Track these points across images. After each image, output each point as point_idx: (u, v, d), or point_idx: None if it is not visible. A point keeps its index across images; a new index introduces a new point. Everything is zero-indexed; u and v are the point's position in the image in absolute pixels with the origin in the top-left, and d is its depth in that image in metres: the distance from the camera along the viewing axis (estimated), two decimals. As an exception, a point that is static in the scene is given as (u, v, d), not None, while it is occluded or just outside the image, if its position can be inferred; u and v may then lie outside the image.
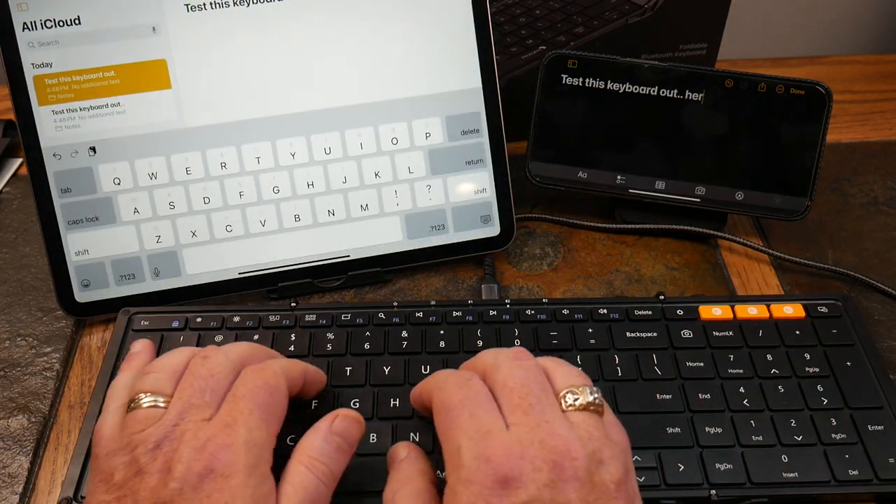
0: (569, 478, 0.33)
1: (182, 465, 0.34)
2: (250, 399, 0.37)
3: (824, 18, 0.94)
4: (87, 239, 0.52)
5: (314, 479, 0.36)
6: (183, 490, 0.33)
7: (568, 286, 0.57)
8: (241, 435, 0.35)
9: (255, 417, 0.36)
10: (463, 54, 0.55)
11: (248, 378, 0.38)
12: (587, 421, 0.36)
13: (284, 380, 0.39)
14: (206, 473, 0.34)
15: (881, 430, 0.45)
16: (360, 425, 0.40)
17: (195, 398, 0.37)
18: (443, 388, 0.37)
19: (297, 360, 0.43)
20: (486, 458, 0.33)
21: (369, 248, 0.56)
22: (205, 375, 0.38)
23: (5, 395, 0.49)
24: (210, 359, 0.39)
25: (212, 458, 0.34)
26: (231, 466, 0.34)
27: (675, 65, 0.57)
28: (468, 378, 0.37)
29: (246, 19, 0.52)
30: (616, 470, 0.34)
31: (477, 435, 0.34)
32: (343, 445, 0.38)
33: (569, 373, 0.38)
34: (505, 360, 0.38)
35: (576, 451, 0.33)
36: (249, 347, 0.42)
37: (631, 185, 0.59)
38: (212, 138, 0.53)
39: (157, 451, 0.35)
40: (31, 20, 0.50)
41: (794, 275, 0.58)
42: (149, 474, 0.34)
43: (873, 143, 0.70)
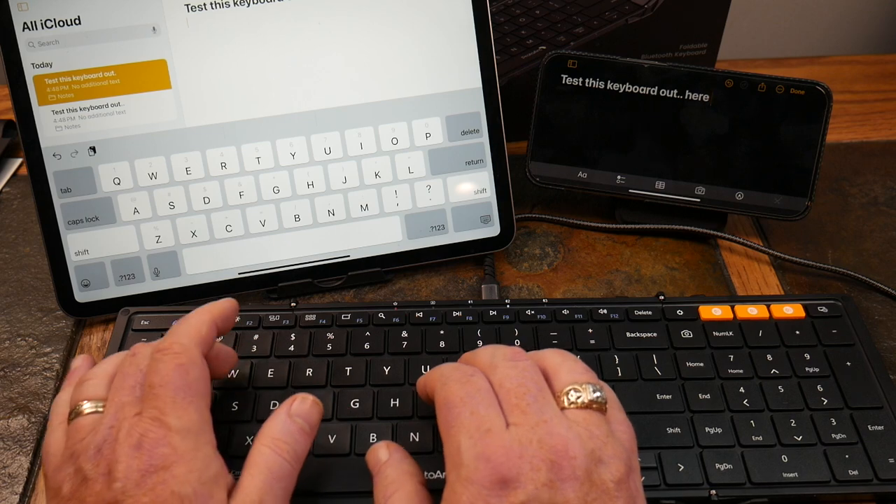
0: (567, 477, 0.33)
1: (122, 465, 0.34)
2: (168, 387, 0.36)
3: (824, 18, 0.94)
4: (87, 239, 0.52)
5: (278, 458, 0.36)
6: (126, 488, 0.33)
7: (568, 286, 0.57)
8: (172, 425, 0.35)
9: (179, 403, 0.36)
10: (463, 54, 0.55)
11: (158, 366, 0.37)
12: (588, 419, 0.35)
13: (196, 349, 0.38)
14: (146, 469, 0.34)
15: (881, 430, 0.45)
16: (319, 407, 0.40)
17: (125, 396, 0.37)
18: (446, 384, 0.37)
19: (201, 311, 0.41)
20: (486, 457, 0.33)
21: (369, 248, 0.56)
22: (133, 373, 0.38)
23: (5, 395, 0.49)
24: (138, 356, 0.38)
25: (150, 454, 0.34)
26: (170, 457, 0.34)
27: (675, 65, 0.57)
28: (471, 374, 0.37)
29: (246, 19, 0.52)
30: (616, 469, 0.34)
31: (477, 433, 0.34)
32: (304, 427, 0.38)
33: (573, 369, 0.38)
34: (501, 360, 0.38)
35: (574, 449, 0.33)
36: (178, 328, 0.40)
37: (631, 185, 0.59)
38: (212, 138, 0.53)
39: (99, 456, 0.35)
40: (31, 20, 0.50)
41: (794, 275, 0.58)
42: (93, 480, 0.34)
43: (873, 143, 0.70)
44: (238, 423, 0.44)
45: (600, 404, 0.36)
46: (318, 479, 0.42)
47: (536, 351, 0.40)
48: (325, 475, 0.43)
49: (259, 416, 0.45)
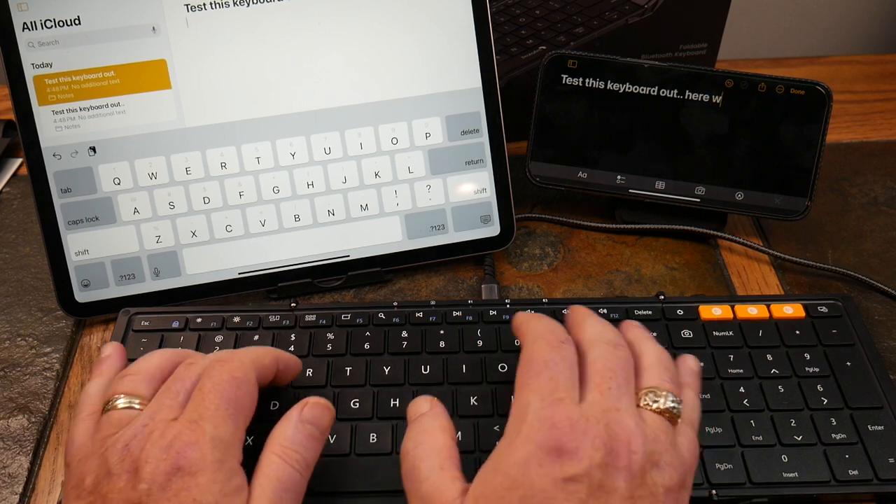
0: (622, 466, 0.33)
1: (149, 465, 0.34)
2: (216, 394, 0.36)
3: (824, 18, 0.94)
4: (87, 239, 0.52)
5: (288, 468, 0.36)
6: (151, 490, 0.33)
7: (568, 286, 0.57)
8: (207, 431, 0.35)
9: (221, 413, 0.36)
10: (463, 54, 0.55)
11: (213, 372, 0.37)
12: (657, 424, 0.36)
13: (253, 371, 0.39)
14: (173, 472, 0.34)
15: (881, 430, 0.45)
16: (331, 412, 0.39)
17: (168, 399, 0.37)
18: (535, 341, 0.37)
19: (269, 348, 0.42)
20: (552, 422, 0.34)
21: (369, 248, 0.56)
22: (186, 377, 0.38)
23: (5, 395, 0.49)
24: (195, 365, 0.38)
25: (178, 457, 0.34)
26: (198, 464, 0.34)
27: (675, 65, 0.57)
28: (563, 341, 0.37)
29: (246, 19, 0.52)
30: (670, 477, 0.34)
31: (550, 398, 0.35)
32: (315, 433, 0.38)
33: (662, 375, 0.38)
34: (603, 340, 0.38)
35: (636, 444, 0.34)
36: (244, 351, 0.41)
37: (631, 185, 0.59)
38: (212, 138, 0.53)
39: (126, 452, 0.35)
40: (31, 20, 0.50)
41: (794, 275, 0.58)
42: (117, 476, 0.34)
43: (873, 143, 0.70)
44: None
45: (673, 415, 0.36)
46: (319, 479, 0.42)
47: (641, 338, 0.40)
48: (325, 475, 0.42)
49: (259, 416, 0.45)
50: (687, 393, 0.39)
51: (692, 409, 0.39)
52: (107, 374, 0.41)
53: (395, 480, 0.42)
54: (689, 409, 0.38)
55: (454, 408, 0.46)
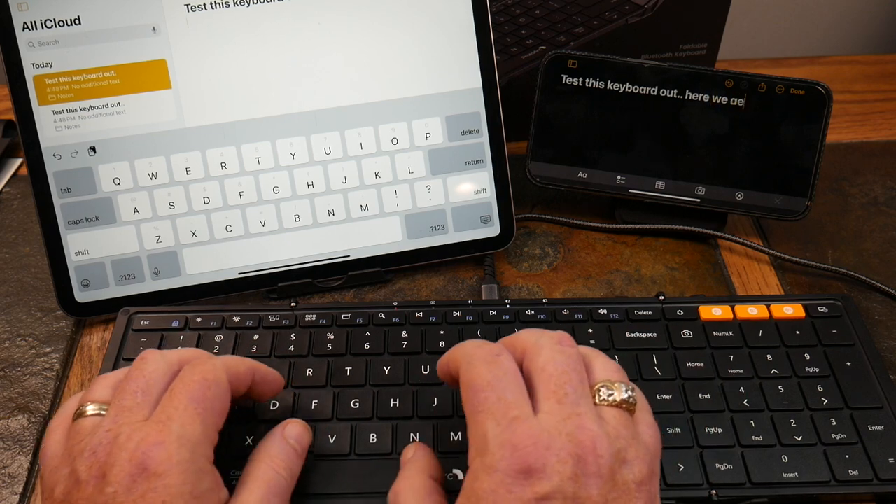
0: (591, 473, 0.33)
1: (116, 469, 0.34)
2: (185, 394, 0.36)
3: (824, 18, 0.94)
4: (87, 239, 0.52)
5: (275, 474, 0.37)
6: (117, 493, 0.33)
7: (568, 286, 0.57)
8: (173, 431, 0.35)
9: (189, 412, 0.36)
10: (463, 54, 0.55)
11: (184, 374, 0.37)
12: (617, 418, 0.35)
13: (224, 374, 0.38)
14: (138, 473, 0.33)
15: (881, 430, 0.45)
16: (309, 432, 0.42)
17: (127, 400, 0.36)
18: (471, 363, 0.36)
19: (246, 359, 0.42)
20: (513, 445, 0.33)
21: (369, 248, 0.56)
22: (137, 377, 0.37)
23: (5, 395, 0.49)
24: (146, 360, 0.38)
25: (144, 457, 0.34)
26: (164, 464, 0.34)
27: (675, 65, 0.57)
28: (497, 353, 0.37)
29: (246, 19, 0.52)
30: (639, 471, 0.34)
31: (504, 420, 0.34)
32: (297, 448, 0.40)
33: (606, 366, 0.38)
34: (548, 342, 0.37)
35: (602, 447, 0.33)
36: (191, 350, 0.41)
37: (631, 185, 0.59)
38: (212, 138, 0.53)
39: (93, 459, 0.34)
40: (31, 20, 0.50)
41: (794, 275, 0.58)
42: (85, 483, 0.34)
43: (873, 143, 0.70)
44: (237, 423, 0.44)
45: (630, 405, 0.36)
46: (319, 479, 0.42)
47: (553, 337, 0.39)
48: (325, 475, 0.43)
49: (259, 416, 0.45)
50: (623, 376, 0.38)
51: (640, 394, 0.38)
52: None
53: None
54: (639, 395, 0.38)
55: (453, 408, 0.46)
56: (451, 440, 0.44)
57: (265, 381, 0.42)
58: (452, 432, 0.44)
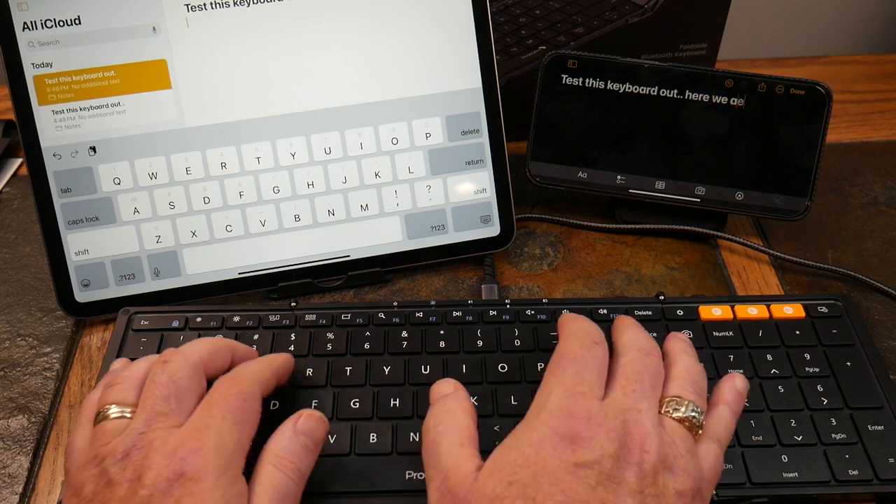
0: (633, 462, 0.34)
1: (152, 472, 0.34)
2: (222, 405, 0.37)
3: (824, 18, 0.94)
4: (87, 239, 0.52)
5: (283, 477, 0.37)
6: (153, 496, 0.33)
7: (568, 286, 0.57)
8: (210, 439, 0.35)
9: (226, 422, 0.36)
10: (463, 54, 0.55)
11: (222, 387, 0.38)
12: (675, 430, 0.36)
13: (258, 387, 0.40)
14: (175, 478, 0.34)
15: (881, 430, 0.45)
16: (325, 424, 0.40)
17: (159, 405, 0.37)
18: (569, 338, 0.39)
19: (266, 360, 0.43)
20: (570, 411, 0.35)
21: (369, 248, 0.56)
22: (166, 382, 0.38)
23: (5, 395, 0.49)
24: (169, 363, 0.39)
25: (182, 463, 0.34)
26: (201, 470, 0.34)
27: (675, 65, 0.57)
28: (596, 342, 0.39)
29: (246, 19, 0.52)
30: (683, 482, 0.34)
31: (573, 390, 0.36)
32: (309, 444, 0.39)
33: (687, 386, 0.38)
34: (636, 347, 0.39)
35: (649, 444, 0.34)
36: (210, 344, 0.42)
37: (631, 185, 0.59)
38: (212, 138, 0.53)
39: (126, 461, 0.35)
40: (31, 20, 0.50)
41: (794, 275, 0.58)
42: (118, 484, 0.34)
43: (873, 143, 0.70)
44: None
45: (693, 424, 0.37)
46: (319, 479, 0.42)
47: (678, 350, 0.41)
48: (325, 475, 0.43)
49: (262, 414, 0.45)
50: (721, 409, 0.39)
51: (722, 426, 0.39)
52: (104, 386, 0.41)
53: (396, 480, 0.42)
54: (717, 426, 0.39)
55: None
56: (451, 440, 0.44)
57: (285, 372, 0.45)
58: (452, 432, 0.44)
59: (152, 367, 0.39)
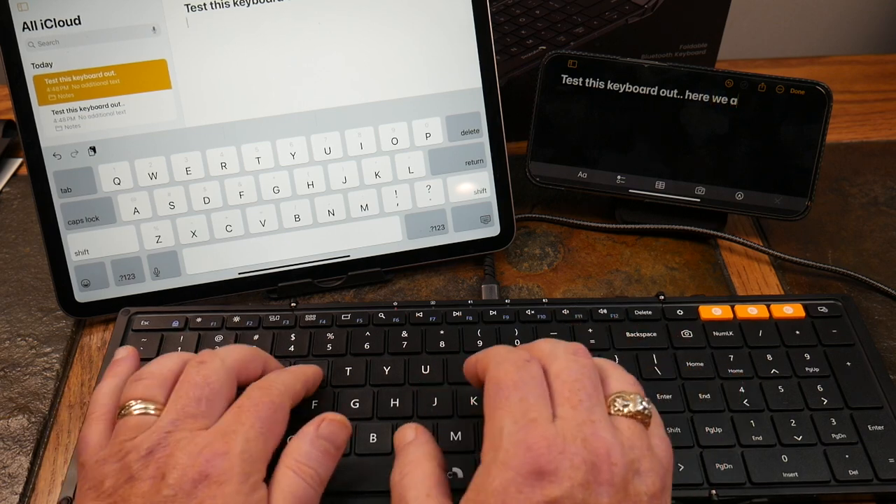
0: (604, 481, 0.33)
1: (177, 472, 0.34)
2: (253, 412, 0.37)
3: (824, 18, 0.94)
4: (87, 239, 0.52)
5: (302, 483, 0.36)
6: (176, 496, 0.33)
7: (568, 286, 0.57)
8: (238, 444, 0.35)
9: (255, 429, 0.36)
10: (463, 54, 0.55)
11: (254, 395, 0.38)
12: (632, 429, 0.35)
13: (288, 399, 0.40)
14: (200, 479, 0.34)
15: (881, 430, 0.45)
16: (347, 429, 0.40)
17: (190, 407, 0.37)
18: (500, 364, 0.37)
19: (297, 371, 0.43)
20: (527, 445, 0.33)
21: (369, 248, 0.56)
22: (200, 383, 0.38)
23: (5, 395, 0.49)
24: (206, 364, 0.39)
25: (207, 465, 0.34)
26: (226, 474, 0.34)
27: (675, 65, 0.57)
28: (527, 360, 0.37)
29: (246, 19, 0.52)
30: (652, 483, 0.34)
31: (523, 419, 0.34)
32: (330, 449, 0.38)
33: (622, 378, 0.38)
34: (563, 352, 0.38)
35: (615, 456, 0.33)
36: (246, 352, 0.42)
37: (631, 185, 0.59)
38: (212, 138, 0.53)
39: (150, 458, 0.35)
40: (31, 20, 0.50)
41: (794, 275, 0.58)
42: (141, 481, 0.34)
43: (873, 143, 0.70)
44: None
45: (645, 416, 0.36)
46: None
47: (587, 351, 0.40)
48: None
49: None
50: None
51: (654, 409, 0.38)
52: (120, 375, 0.41)
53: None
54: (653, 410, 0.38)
55: (453, 408, 0.46)
56: (451, 440, 0.44)
57: (314, 384, 0.45)
58: (452, 432, 0.44)
59: (188, 366, 0.39)
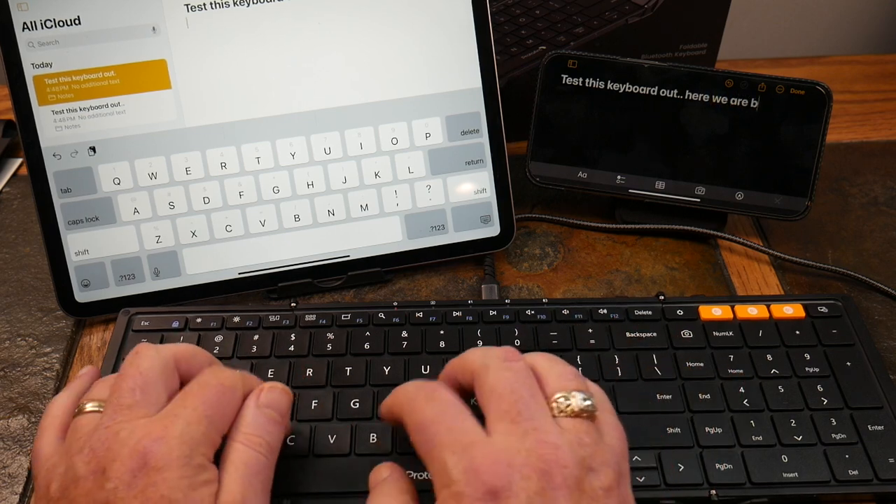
0: (558, 485, 0.33)
1: (116, 463, 0.33)
2: (198, 395, 0.36)
3: (824, 18, 0.94)
4: (87, 239, 0.52)
5: (253, 453, 0.36)
6: (117, 489, 0.33)
7: (568, 286, 0.57)
8: (177, 427, 0.35)
9: (197, 412, 0.36)
10: (463, 54, 0.55)
11: (203, 377, 0.38)
12: (578, 427, 0.35)
13: (241, 384, 0.39)
14: (138, 468, 0.33)
15: (881, 430, 0.45)
16: (288, 395, 0.40)
17: (125, 397, 0.36)
18: (412, 405, 0.37)
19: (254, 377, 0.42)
20: (474, 469, 0.33)
21: (369, 248, 0.56)
22: (133, 374, 0.37)
23: (5, 395, 0.49)
24: (139, 355, 0.38)
25: (145, 452, 0.34)
26: (164, 458, 0.34)
27: (675, 65, 0.57)
28: (434, 389, 0.37)
29: (246, 19, 0.52)
30: (606, 476, 0.34)
31: (460, 448, 0.34)
32: (275, 416, 0.38)
33: (562, 374, 0.37)
34: (494, 360, 0.37)
35: (565, 458, 0.33)
36: (187, 347, 0.41)
37: (631, 185, 0.59)
38: (212, 138, 0.53)
39: (92, 455, 0.34)
40: (31, 20, 0.50)
41: (794, 275, 0.58)
42: (84, 478, 0.34)
43: (873, 143, 0.70)
44: None
45: (590, 412, 0.36)
46: (319, 479, 0.42)
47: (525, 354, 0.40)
48: (325, 475, 0.43)
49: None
50: (588, 383, 0.39)
51: (601, 395, 0.38)
52: (74, 389, 0.41)
53: (395, 480, 0.42)
54: (599, 397, 0.38)
55: (454, 408, 0.45)
56: (451, 440, 0.44)
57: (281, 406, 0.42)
58: (452, 432, 0.44)
59: (123, 362, 0.38)
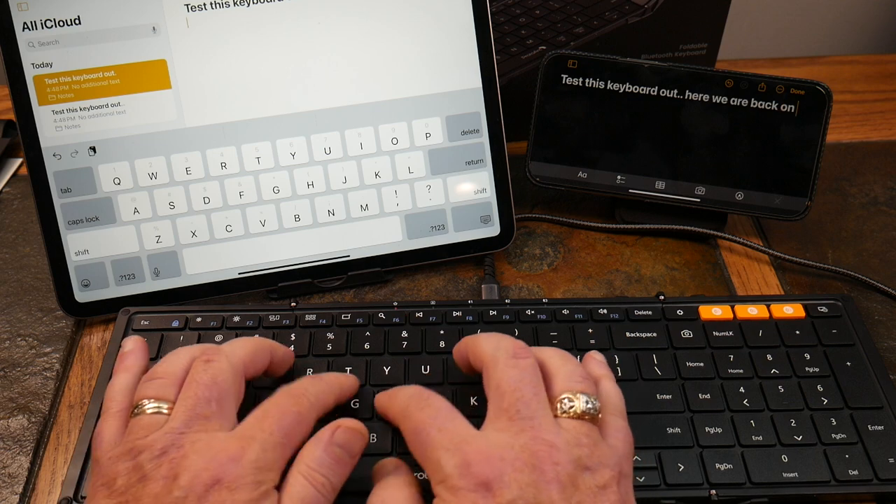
0: (550, 479, 0.33)
1: (189, 474, 0.34)
2: (276, 420, 0.37)
3: (824, 18, 0.94)
4: (87, 239, 0.52)
5: (313, 491, 0.36)
6: (187, 498, 0.33)
7: (568, 286, 0.57)
8: (253, 451, 0.35)
9: (274, 437, 0.36)
10: (463, 54, 0.55)
11: (281, 401, 0.38)
12: (578, 428, 0.36)
13: (316, 411, 0.39)
14: (212, 484, 0.34)
15: (881, 430, 0.45)
16: (363, 437, 0.39)
17: (200, 407, 0.37)
18: (406, 412, 0.38)
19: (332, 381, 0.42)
20: (466, 463, 0.34)
21: (369, 248, 0.56)
22: (208, 383, 0.38)
23: (5, 395, 0.49)
24: (212, 364, 0.38)
25: (220, 469, 0.34)
26: (238, 480, 0.34)
27: (675, 65, 0.57)
28: (427, 397, 0.38)
29: (246, 19, 0.52)
30: (602, 476, 0.35)
31: (453, 445, 0.35)
32: (344, 457, 0.38)
33: (571, 375, 0.38)
34: (503, 355, 0.38)
35: (558, 456, 0.34)
36: (250, 346, 0.41)
37: (631, 185, 0.59)
38: (212, 138, 0.53)
39: (163, 458, 0.35)
40: (31, 20, 0.50)
41: (794, 275, 0.58)
42: (153, 480, 0.34)
43: (873, 143, 0.70)
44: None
45: (592, 415, 0.37)
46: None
47: (540, 347, 0.41)
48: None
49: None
50: (604, 384, 0.40)
51: (614, 398, 0.39)
52: (132, 369, 0.41)
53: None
54: (611, 400, 0.39)
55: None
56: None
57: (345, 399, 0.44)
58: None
59: (194, 365, 0.39)
